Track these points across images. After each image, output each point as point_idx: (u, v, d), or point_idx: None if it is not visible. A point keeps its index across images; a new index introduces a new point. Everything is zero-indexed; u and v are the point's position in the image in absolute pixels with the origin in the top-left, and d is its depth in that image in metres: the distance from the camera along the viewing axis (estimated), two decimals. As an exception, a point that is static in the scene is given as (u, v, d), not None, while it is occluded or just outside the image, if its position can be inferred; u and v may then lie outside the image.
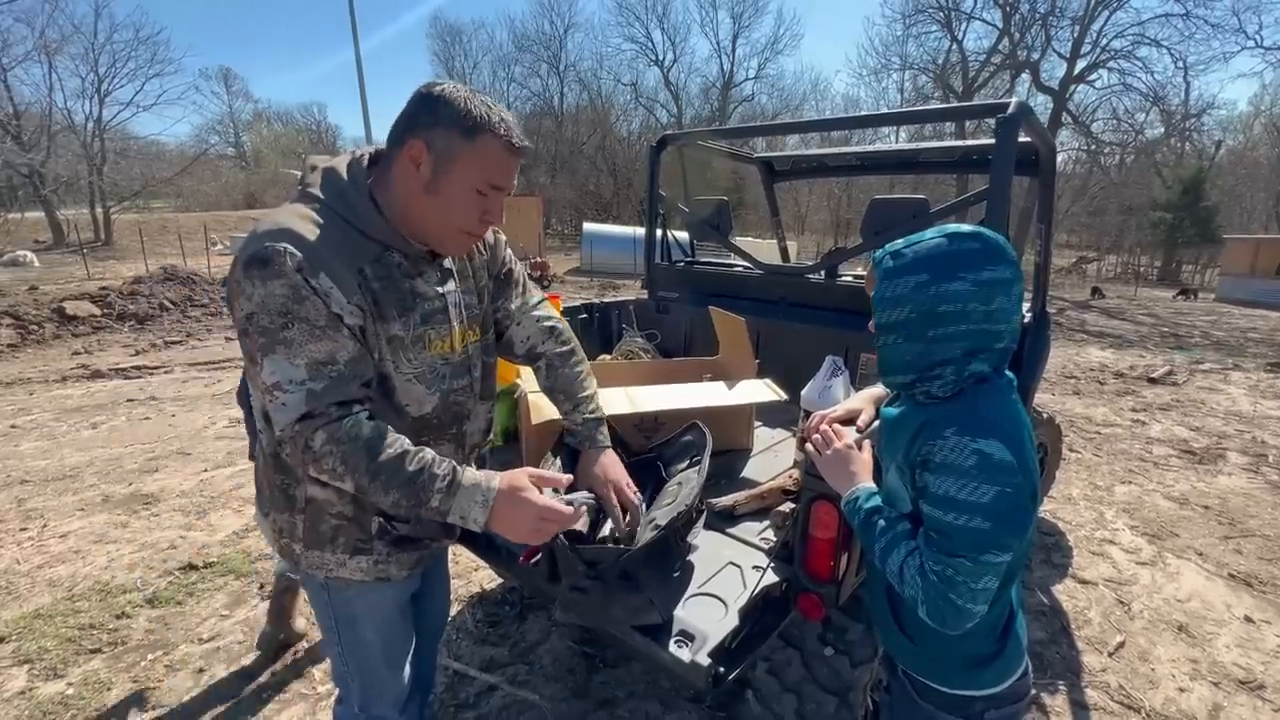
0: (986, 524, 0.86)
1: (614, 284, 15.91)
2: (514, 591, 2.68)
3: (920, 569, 0.92)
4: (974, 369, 0.92)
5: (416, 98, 1.04)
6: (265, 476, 1.17)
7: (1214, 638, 2.58)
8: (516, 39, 40.25)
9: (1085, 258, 31.14)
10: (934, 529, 0.91)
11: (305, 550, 1.15)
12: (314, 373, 0.95)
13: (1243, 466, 4.53)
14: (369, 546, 1.16)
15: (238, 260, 0.96)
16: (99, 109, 26.71)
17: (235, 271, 0.96)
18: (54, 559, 2.99)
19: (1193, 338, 11.05)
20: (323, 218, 1.01)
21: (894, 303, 0.93)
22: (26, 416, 5.18)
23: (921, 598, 0.92)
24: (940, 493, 0.89)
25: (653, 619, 1.20)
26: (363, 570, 1.17)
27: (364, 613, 1.23)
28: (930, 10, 25.77)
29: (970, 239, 0.91)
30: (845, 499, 1.08)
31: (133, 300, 9.76)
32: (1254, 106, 36.80)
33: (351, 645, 1.26)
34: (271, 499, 1.17)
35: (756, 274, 2.89)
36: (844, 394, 1.71)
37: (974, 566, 0.87)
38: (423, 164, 1.02)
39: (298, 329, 0.94)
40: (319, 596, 1.23)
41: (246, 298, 0.93)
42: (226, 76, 49.03)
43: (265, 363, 0.94)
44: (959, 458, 0.87)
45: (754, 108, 39.08)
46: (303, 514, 1.13)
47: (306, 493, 1.12)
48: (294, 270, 0.93)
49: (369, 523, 1.15)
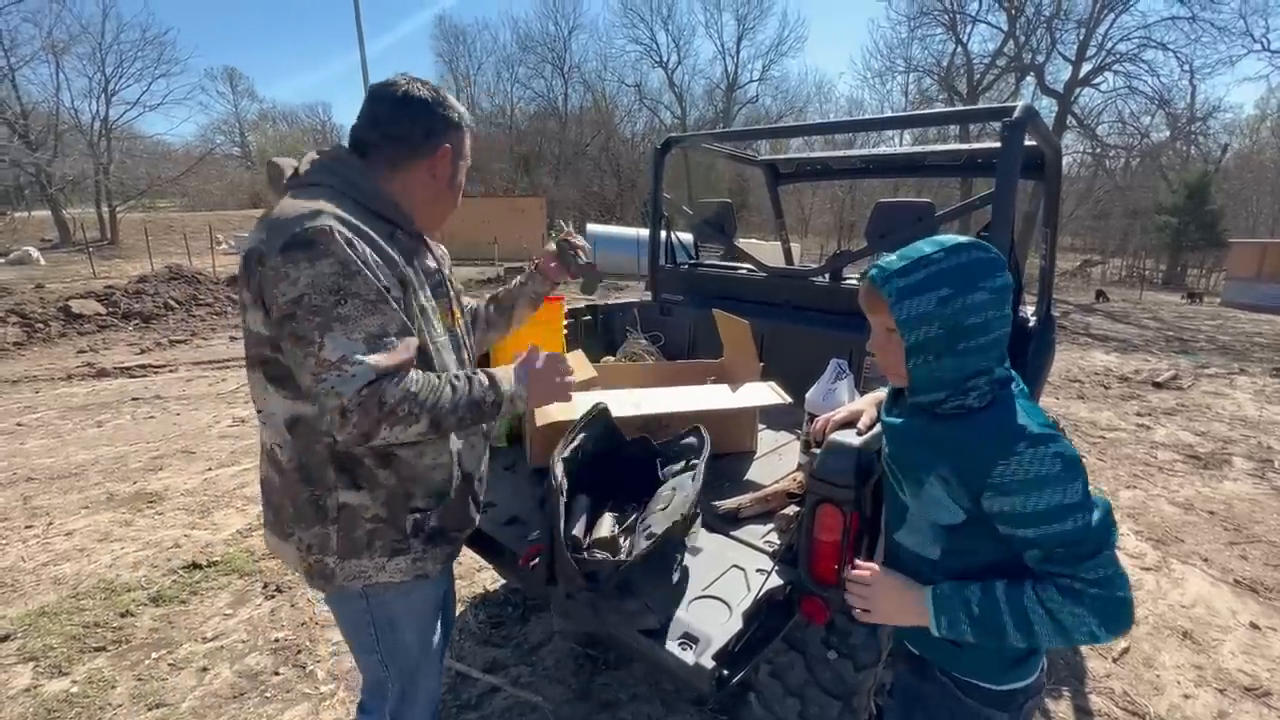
0: (1097, 514, 0.88)
1: (617, 285, 15.91)
2: (517, 593, 2.68)
3: (1074, 597, 0.88)
4: (1000, 374, 0.93)
5: (424, 104, 1.13)
6: (288, 494, 1.13)
7: (1219, 644, 2.56)
8: (521, 40, 40.24)
9: (1090, 261, 31.05)
10: (1058, 544, 0.88)
11: (341, 562, 1.13)
12: (372, 345, 0.97)
13: (1248, 472, 4.51)
14: (405, 545, 1.17)
15: (267, 249, 0.97)
16: (106, 109, 26.90)
17: (269, 260, 0.96)
18: (59, 557, 3.01)
19: (1198, 342, 11.00)
20: (340, 201, 1.05)
21: (920, 321, 0.91)
22: (32, 414, 5.20)
23: (1095, 620, 0.87)
24: (1044, 507, 0.87)
25: (649, 624, 1.21)
26: (402, 571, 1.17)
27: (403, 614, 1.24)
28: (935, 13, 25.72)
29: (974, 249, 0.92)
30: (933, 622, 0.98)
31: (138, 299, 9.80)
32: (1260, 110, 36.74)
33: (392, 649, 1.26)
34: (297, 516, 1.12)
35: (760, 277, 2.89)
36: (848, 397, 1.71)
37: (1112, 553, 0.89)
38: (449, 164, 1.18)
39: (351, 304, 0.96)
40: (355, 607, 1.21)
41: (291, 282, 0.95)
42: (232, 76, 49.40)
43: (326, 340, 0.95)
44: (1046, 467, 0.87)
45: (758, 109, 39.09)
46: (335, 523, 1.11)
47: (339, 500, 1.10)
48: (343, 247, 0.97)
49: (404, 521, 1.15)
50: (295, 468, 1.10)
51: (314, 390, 0.96)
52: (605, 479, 1.50)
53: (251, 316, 1.04)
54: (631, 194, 34.81)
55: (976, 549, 0.97)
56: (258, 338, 1.05)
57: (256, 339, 1.06)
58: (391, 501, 1.14)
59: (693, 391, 1.97)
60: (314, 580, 1.16)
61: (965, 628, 0.95)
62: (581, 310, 2.94)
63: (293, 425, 1.08)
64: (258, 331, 1.05)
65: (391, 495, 1.13)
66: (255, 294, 1.01)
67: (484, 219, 21.82)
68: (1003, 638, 0.92)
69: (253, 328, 1.05)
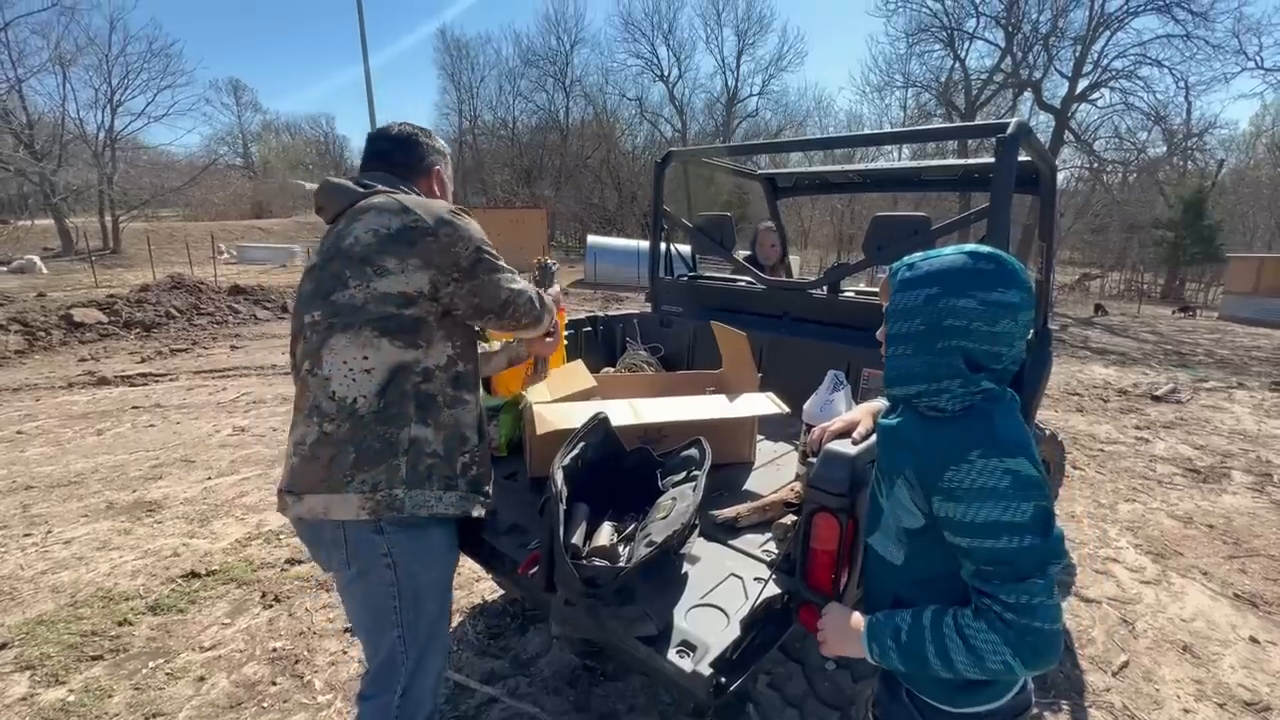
0: (1039, 539, 0.85)
1: (617, 296, 15.96)
2: (515, 603, 2.68)
3: (990, 620, 0.87)
4: (984, 385, 0.92)
5: (416, 139, 1.49)
6: (353, 441, 1.24)
7: (1219, 658, 2.56)
8: (523, 54, 40.70)
9: (1089, 274, 31.15)
10: (989, 562, 0.88)
11: (409, 491, 1.26)
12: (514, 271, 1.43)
13: (1247, 486, 4.51)
14: (455, 483, 1.34)
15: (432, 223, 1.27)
16: (111, 119, 27.12)
17: (441, 229, 1.28)
18: (57, 565, 3.00)
19: (1196, 356, 11.03)
20: None
21: (906, 314, 0.94)
22: (32, 422, 5.20)
23: (1010, 650, 0.85)
24: (982, 520, 0.86)
25: (648, 631, 1.21)
26: (453, 505, 1.34)
27: (428, 585, 1.36)
28: (933, 29, 26.06)
29: (987, 260, 0.92)
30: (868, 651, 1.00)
31: (140, 308, 9.83)
32: (1255, 127, 37.03)
33: (413, 622, 1.35)
34: (361, 461, 1.24)
35: (759, 288, 2.92)
36: (845, 408, 1.72)
37: (1045, 583, 0.86)
38: (442, 184, 1.54)
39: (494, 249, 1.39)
40: (382, 577, 1.30)
41: (467, 239, 1.31)
42: (236, 88, 49.80)
43: (505, 271, 1.39)
44: (993, 480, 0.86)
45: (758, 123, 39.41)
46: (406, 455, 1.27)
47: (411, 434, 1.27)
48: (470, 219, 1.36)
49: (456, 460, 1.35)
50: (374, 411, 1.25)
51: (511, 301, 1.40)
52: (605, 488, 1.52)
53: (397, 280, 1.25)
54: (632, 206, 35.00)
55: (934, 556, 0.97)
56: (388, 298, 1.25)
57: (384, 299, 1.25)
58: (449, 441, 1.33)
59: (692, 402, 1.99)
60: (380, 515, 1.25)
61: (893, 655, 0.96)
62: (582, 321, 2.96)
63: (393, 373, 1.26)
64: (398, 291, 1.25)
65: (449, 435, 1.33)
66: (425, 258, 1.26)
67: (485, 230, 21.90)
68: (925, 664, 0.93)
69: (392, 289, 1.25)
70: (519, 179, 38.44)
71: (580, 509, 1.42)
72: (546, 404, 1.86)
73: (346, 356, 1.25)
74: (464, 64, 41.42)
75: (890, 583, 1.05)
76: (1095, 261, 34.79)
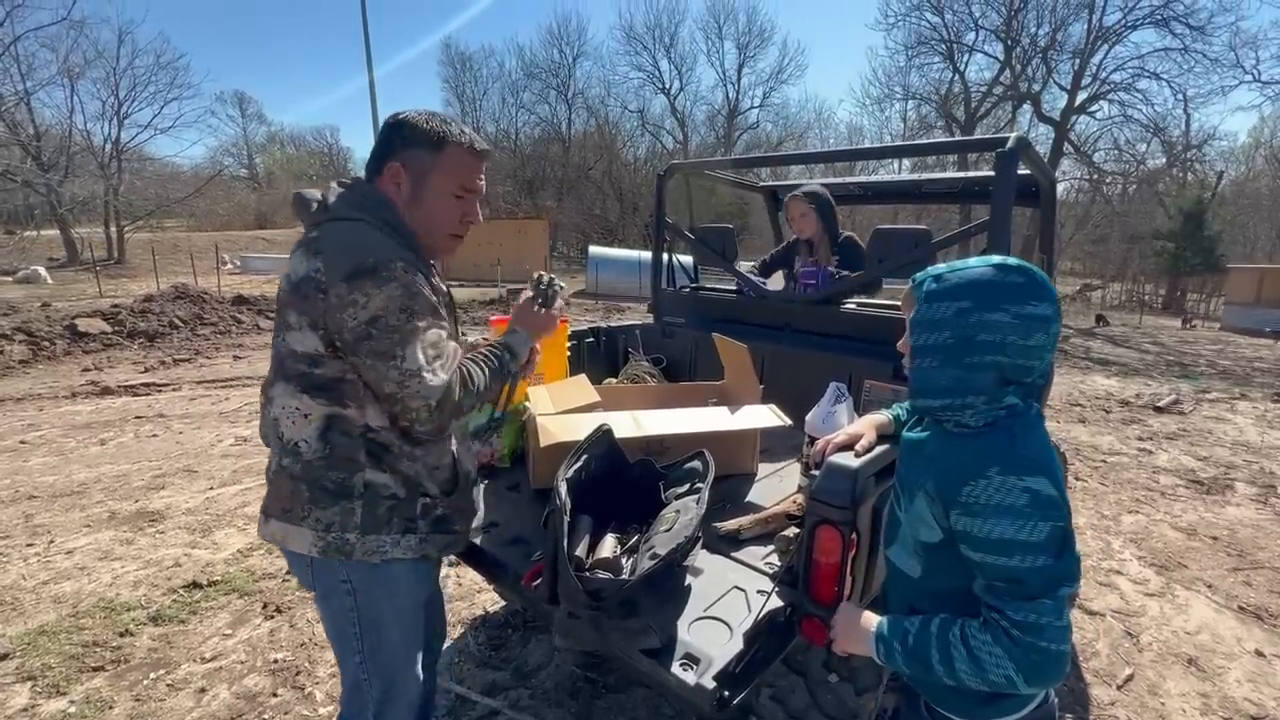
0: (1051, 560, 0.85)
1: (619, 307, 15.99)
2: (517, 614, 2.68)
3: (996, 634, 0.87)
4: (1008, 401, 0.91)
5: (385, 127, 1.23)
6: (307, 479, 1.20)
7: (1224, 672, 2.54)
8: (526, 66, 41.00)
9: (1090, 285, 31.17)
10: (1000, 579, 0.87)
11: (362, 536, 1.21)
12: (438, 350, 1.15)
13: (1251, 497, 4.49)
14: (415, 525, 1.27)
15: (328, 279, 1.09)
16: (118, 131, 27.35)
17: (332, 288, 1.08)
18: (59, 575, 3.00)
19: (1198, 366, 11.01)
20: (376, 231, 1.17)
21: (934, 326, 0.92)
22: (36, 432, 5.22)
23: (1013, 666, 0.85)
24: (996, 537, 0.86)
25: (651, 643, 1.21)
26: (411, 549, 1.27)
27: (389, 613, 1.29)
28: (932, 42, 26.29)
29: (1017, 272, 0.91)
30: (875, 651, 1.01)
31: (143, 318, 9.87)
32: (1254, 139, 37.18)
33: (374, 648, 1.30)
34: (316, 498, 1.20)
35: (761, 300, 2.93)
36: (847, 419, 1.73)
37: (1054, 604, 0.85)
38: (402, 182, 1.22)
39: (418, 320, 1.12)
40: (342, 603, 1.26)
41: (362, 307, 1.08)
42: (242, 100, 50.30)
43: (406, 352, 1.10)
44: (1010, 498, 0.85)
45: (759, 135, 39.63)
46: (361, 498, 1.21)
47: (365, 479, 1.21)
48: (403, 272, 1.11)
49: (417, 503, 1.27)
50: (321, 456, 1.19)
51: (398, 395, 1.12)
52: (608, 500, 1.52)
53: (297, 336, 1.15)
54: (634, 217, 35.16)
55: (951, 570, 0.97)
56: (297, 355, 1.16)
57: (295, 356, 1.16)
58: (409, 484, 1.25)
59: (694, 413, 2.00)
60: (329, 556, 1.22)
61: (899, 657, 0.97)
62: (584, 332, 2.97)
63: (330, 421, 1.19)
64: (301, 350, 1.15)
65: (409, 479, 1.25)
66: (313, 318, 1.12)
67: (488, 241, 22.02)
68: (928, 669, 0.93)
69: (295, 347, 1.16)
70: (521, 190, 38.63)
71: (584, 521, 1.43)
72: (550, 416, 1.87)
73: (285, 402, 1.20)
74: (467, 77, 41.80)
75: (908, 595, 1.05)
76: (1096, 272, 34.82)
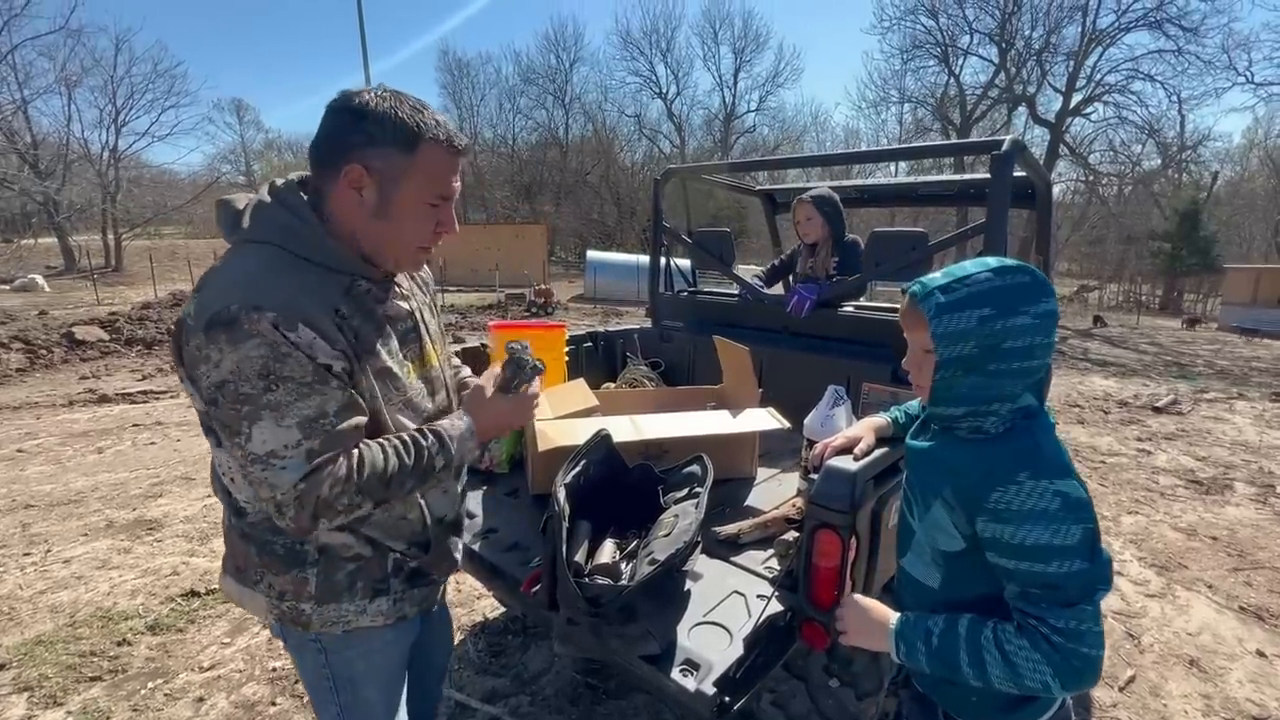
0: (1085, 564, 0.84)
1: (618, 311, 16.01)
2: (517, 621, 2.67)
3: (1034, 640, 0.85)
4: (1024, 401, 0.91)
5: (338, 113, 0.94)
6: (254, 543, 1.06)
7: (1226, 672, 2.54)
8: (523, 72, 41.17)
9: (1087, 286, 31.28)
10: (1036, 585, 0.86)
11: (318, 607, 1.06)
12: (308, 430, 0.89)
13: (1250, 497, 4.49)
14: (386, 586, 1.11)
15: (193, 324, 0.88)
16: (115, 138, 27.39)
17: (194, 337, 0.87)
18: (57, 584, 2.99)
19: (1196, 366, 11.04)
20: (279, 262, 0.94)
21: (956, 338, 0.89)
22: (33, 441, 5.20)
23: (1051, 671, 0.84)
24: (1031, 543, 0.85)
25: (650, 649, 1.21)
26: (383, 614, 1.12)
27: (366, 671, 1.16)
28: (927, 46, 26.41)
29: (1020, 272, 0.90)
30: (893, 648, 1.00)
31: (141, 325, 9.86)
32: (1249, 139, 37.38)
33: (351, 706, 1.18)
34: (267, 563, 1.06)
35: (759, 304, 2.94)
36: (846, 423, 1.73)
37: (1093, 609, 0.84)
38: (365, 189, 0.96)
39: (284, 390, 0.87)
40: (313, 660, 1.14)
41: (214, 365, 0.86)
42: (239, 107, 50.24)
43: (254, 431, 0.87)
44: (1043, 502, 0.84)
45: (755, 139, 39.77)
46: (315, 566, 1.05)
47: (319, 542, 1.04)
48: (270, 328, 0.86)
49: (387, 560, 1.11)
50: (266, 518, 1.02)
51: (248, 478, 0.91)
52: (607, 505, 1.51)
53: (189, 388, 0.96)
54: (631, 221, 35.23)
55: (974, 579, 0.96)
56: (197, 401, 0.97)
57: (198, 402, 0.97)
58: (375, 540, 1.09)
59: (693, 417, 1.99)
60: (287, 626, 1.09)
61: (922, 657, 0.95)
62: (583, 337, 2.97)
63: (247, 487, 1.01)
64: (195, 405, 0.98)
65: (375, 534, 1.09)
66: (187, 365, 0.92)
67: (486, 246, 22.14)
68: (956, 671, 0.92)
69: (193, 399, 0.97)
70: (519, 195, 38.71)
71: (582, 526, 1.42)
72: (548, 421, 1.87)
73: (216, 455, 1.03)
74: (465, 83, 41.92)
75: (925, 605, 1.04)
76: (1093, 273, 34.93)
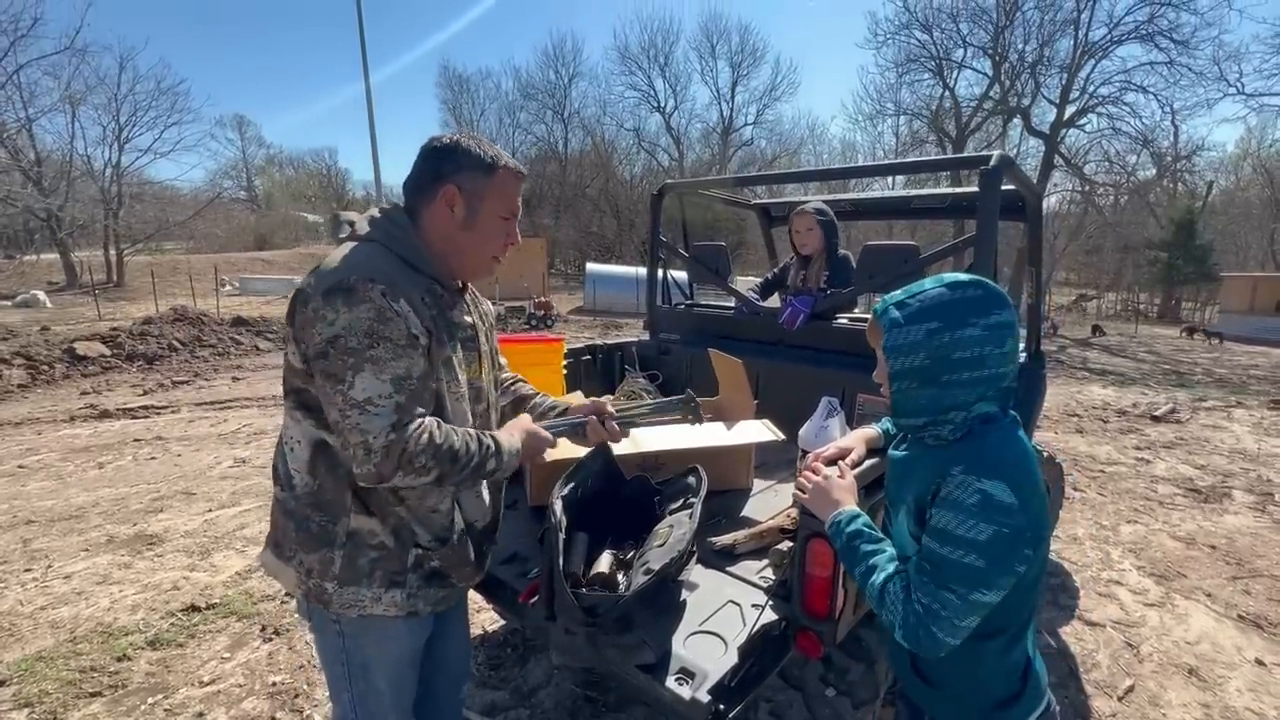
0: (980, 562, 0.88)
1: (617, 323, 16.05)
2: (516, 634, 2.67)
3: (904, 593, 0.94)
4: (980, 410, 0.95)
5: (434, 151, 1.20)
6: (295, 518, 1.18)
7: (1225, 681, 2.54)
8: (522, 88, 41.55)
9: (1085, 295, 31.37)
10: (928, 560, 0.93)
11: (340, 588, 1.17)
12: (398, 386, 1.05)
13: (1249, 505, 4.50)
14: (403, 579, 1.20)
15: (311, 291, 1.06)
16: (118, 155, 27.55)
17: (311, 301, 1.05)
18: (57, 600, 2.99)
19: (1194, 375, 11.05)
20: (383, 255, 1.15)
21: (906, 350, 0.95)
22: (34, 456, 5.21)
23: (899, 621, 0.94)
24: (939, 526, 0.91)
25: (646, 659, 1.23)
26: (396, 605, 1.20)
27: (378, 660, 1.26)
28: (922, 59, 26.65)
29: (972, 286, 0.95)
30: (829, 523, 1.10)
31: (142, 340, 9.89)
32: (1242, 149, 37.64)
33: (363, 694, 1.27)
34: (301, 540, 1.17)
35: (755, 316, 2.97)
36: (840, 434, 1.75)
37: (961, 604, 0.89)
38: (456, 205, 1.19)
39: (383, 348, 1.04)
40: (332, 643, 1.24)
41: (329, 323, 1.03)
42: (241, 124, 50.67)
43: (356, 380, 1.03)
44: (963, 495, 0.89)
45: (753, 152, 40.04)
46: (342, 549, 1.16)
47: (349, 526, 1.16)
48: (380, 295, 1.05)
49: (408, 554, 1.20)
50: (310, 493, 1.16)
51: (340, 425, 1.05)
52: (604, 517, 1.54)
53: (291, 348, 1.13)
54: (630, 233, 35.38)
55: None
56: (292, 369, 1.14)
57: (291, 370, 1.14)
58: (400, 531, 1.19)
59: (689, 429, 2.01)
60: (311, 604, 1.20)
61: (839, 544, 1.09)
62: (581, 350, 3.00)
63: (316, 452, 1.15)
64: (292, 364, 1.13)
65: (400, 525, 1.19)
66: (295, 330, 1.10)
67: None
68: (851, 568, 1.06)
69: (291, 359, 1.13)
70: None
71: (579, 537, 1.44)
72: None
73: (286, 427, 1.19)
74: (465, 98, 42.35)
75: None
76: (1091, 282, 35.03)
